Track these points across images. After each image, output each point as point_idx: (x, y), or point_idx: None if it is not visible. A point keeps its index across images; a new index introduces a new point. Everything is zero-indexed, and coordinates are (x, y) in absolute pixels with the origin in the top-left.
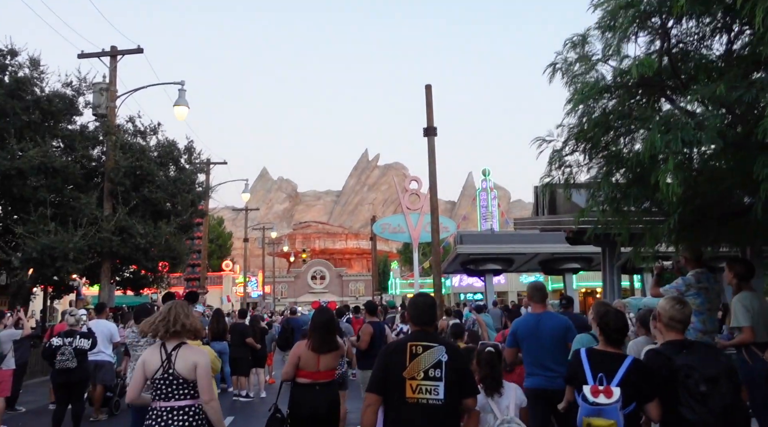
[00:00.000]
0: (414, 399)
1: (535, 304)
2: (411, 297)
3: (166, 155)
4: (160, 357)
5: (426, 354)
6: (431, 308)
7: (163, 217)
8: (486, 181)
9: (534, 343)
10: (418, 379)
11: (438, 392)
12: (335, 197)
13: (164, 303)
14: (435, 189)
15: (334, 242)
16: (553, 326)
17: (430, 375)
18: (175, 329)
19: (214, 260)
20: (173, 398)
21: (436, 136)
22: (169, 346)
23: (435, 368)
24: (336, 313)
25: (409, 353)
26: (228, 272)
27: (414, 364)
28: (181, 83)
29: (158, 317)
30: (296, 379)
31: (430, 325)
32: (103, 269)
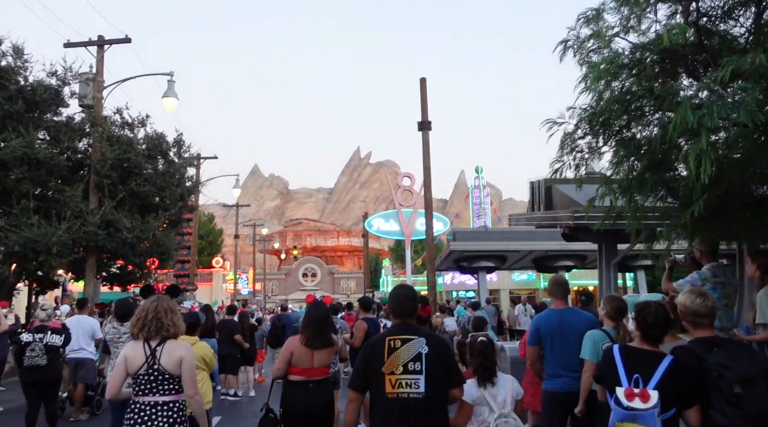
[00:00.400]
0: (394, 394)
1: (556, 299)
2: (391, 290)
3: (154, 148)
4: (144, 353)
5: (404, 347)
6: (411, 299)
7: (152, 211)
8: (479, 179)
9: (558, 341)
10: (398, 373)
11: (419, 386)
12: (327, 195)
13: (143, 297)
14: (429, 184)
15: (326, 240)
16: (578, 322)
17: (409, 368)
18: (166, 333)
19: (205, 257)
20: (158, 393)
21: (430, 131)
22: (152, 341)
23: (414, 361)
24: (330, 309)
25: (387, 347)
26: (218, 268)
27: (392, 358)
28: (170, 74)
29: (143, 314)
30: (288, 376)
31: (411, 317)
32: (89, 264)
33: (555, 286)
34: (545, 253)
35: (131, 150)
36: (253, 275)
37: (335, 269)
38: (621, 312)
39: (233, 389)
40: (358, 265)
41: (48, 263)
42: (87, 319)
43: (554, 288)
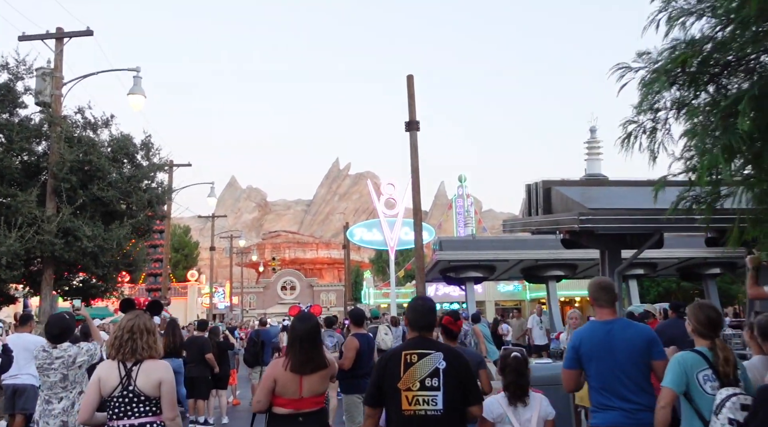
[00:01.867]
0: (410, 411)
1: (601, 308)
2: (410, 301)
3: (119, 150)
4: (118, 374)
5: (421, 363)
6: (431, 312)
7: (117, 219)
8: (462, 188)
9: (606, 363)
10: (414, 390)
11: (436, 403)
12: (306, 207)
13: (123, 312)
14: (418, 187)
15: (305, 252)
16: (631, 337)
17: (426, 385)
18: (140, 356)
19: (180, 270)
20: (133, 415)
21: (418, 131)
22: (128, 362)
23: (432, 377)
24: (325, 323)
25: (404, 362)
26: (193, 282)
27: (408, 374)
28: (137, 70)
29: (119, 334)
30: (272, 409)
31: (429, 330)
32: (45, 277)
33: (599, 290)
34: (535, 262)
35: (93, 152)
36: (230, 288)
37: (315, 281)
38: (715, 326)
39: (203, 416)
40: (338, 277)
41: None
42: (30, 337)
43: (598, 293)
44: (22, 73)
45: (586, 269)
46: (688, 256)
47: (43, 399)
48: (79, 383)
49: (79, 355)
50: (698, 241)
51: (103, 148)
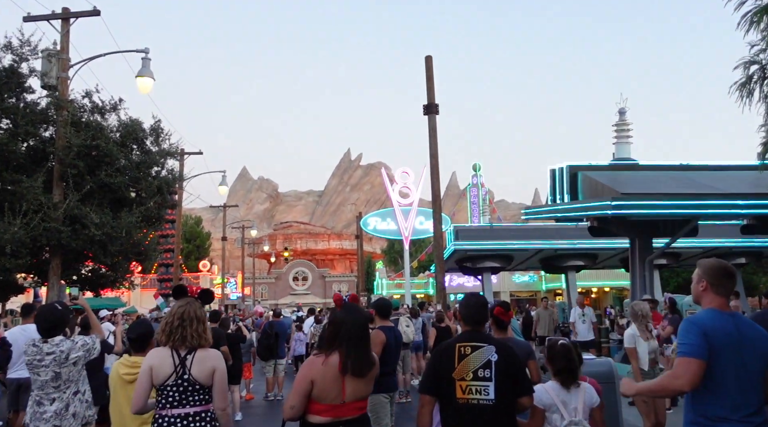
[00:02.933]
0: (464, 400)
1: (719, 297)
2: (463, 297)
3: (128, 135)
4: (172, 362)
5: (474, 355)
6: (483, 307)
7: (126, 206)
8: (477, 177)
9: (734, 363)
10: (468, 379)
11: (488, 393)
12: (317, 198)
13: (175, 298)
14: (437, 172)
15: (317, 243)
16: (760, 337)
17: (479, 375)
18: (189, 345)
19: (192, 261)
20: (188, 404)
21: (437, 115)
22: (181, 350)
23: (484, 368)
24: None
25: (458, 353)
26: (205, 272)
27: (462, 364)
28: (145, 51)
29: (170, 320)
30: (307, 417)
31: (482, 324)
32: (53, 266)
33: (723, 276)
34: (555, 252)
35: (101, 136)
36: (242, 279)
37: (327, 272)
38: None
39: None
40: (350, 268)
41: (1, 265)
42: (34, 329)
43: (720, 279)
44: (27, 54)
45: (606, 258)
46: (713, 246)
47: (34, 400)
48: (74, 382)
49: (73, 350)
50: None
51: (112, 133)
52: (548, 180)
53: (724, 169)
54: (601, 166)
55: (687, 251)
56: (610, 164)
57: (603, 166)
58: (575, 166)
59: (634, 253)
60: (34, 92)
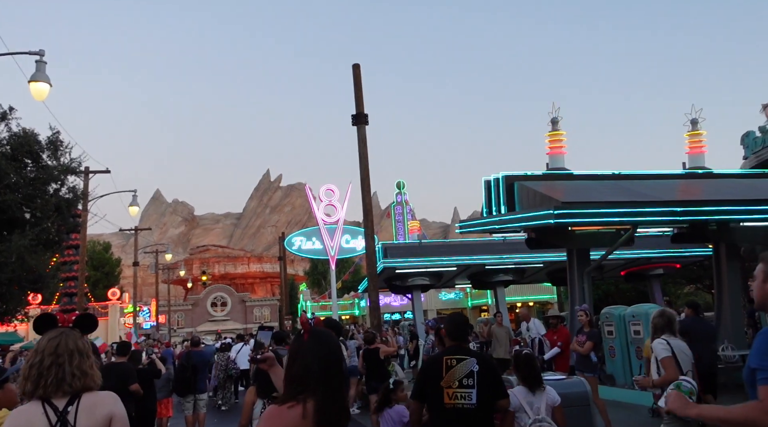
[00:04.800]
0: (451, 404)
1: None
2: (448, 315)
3: (20, 148)
4: (47, 421)
5: (460, 366)
6: (465, 325)
7: (18, 227)
8: (401, 195)
9: None
10: (454, 387)
11: (471, 398)
12: (235, 220)
13: (39, 332)
14: (368, 186)
15: (236, 266)
16: None
17: (463, 383)
18: (69, 388)
19: (100, 290)
20: None
21: (367, 125)
22: (57, 402)
23: (468, 377)
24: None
25: (445, 365)
26: (115, 301)
27: (449, 374)
28: (40, 54)
29: (36, 360)
30: None
31: (465, 340)
32: None
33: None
34: (483, 267)
35: None
36: (156, 306)
37: (247, 296)
38: None
39: None
40: (271, 292)
41: None
42: None
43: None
44: None
45: (534, 273)
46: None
47: None
48: None
49: None
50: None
51: (1, 145)
52: (483, 191)
53: (654, 178)
54: (537, 176)
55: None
56: (545, 174)
57: (539, 176)
58: (511, 175)
59: (572, 264)
60: None
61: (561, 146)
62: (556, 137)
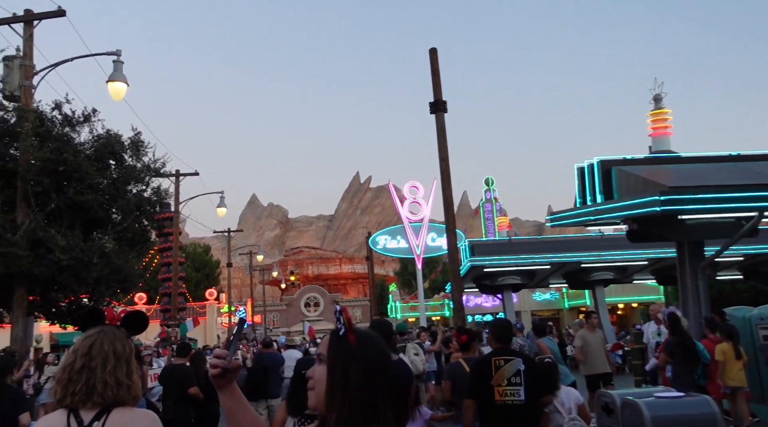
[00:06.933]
0: (501, 401)
1: None
2: (492, 320)
3: (102, 148)
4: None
5: (507, 366)
6: (510, 328)
7: (101, 227)
8: (490, 192)
9: None
10: (504, 385)
11: (520, 394)
12: (327, 222)
13: (83, 329)
14: (448, 178)
15: (328, 267)
16: None
17: (512, 381)
18: (101, 399)
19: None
20: None
21: (446, 113)
22: (84, 414)
23: (515, 375)
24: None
25: (494, 365)
26: (212, 301)
27: (499, 374)
28: (117, 53)
29: (68, 362)
30: None
31: (510, 342)
32: (16, 297)
33: None
34: (580, 265)
35: (68, 149)
36: (251, 306)
37: (339, 297)
38: None
39: None
40: (363, 292)
41: None
42: None
43: None
44: None
45: (637, 270)
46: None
47: None
48: None
49: None
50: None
51: (84, 147)
52: (576, 179)
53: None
54: (638, 160)
55: (724, 259)
56: (648, 157)
57: (640, 160)
58: (608, 160)
59: (683, 260)
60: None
61: (666, 126)
62: (659, 116)
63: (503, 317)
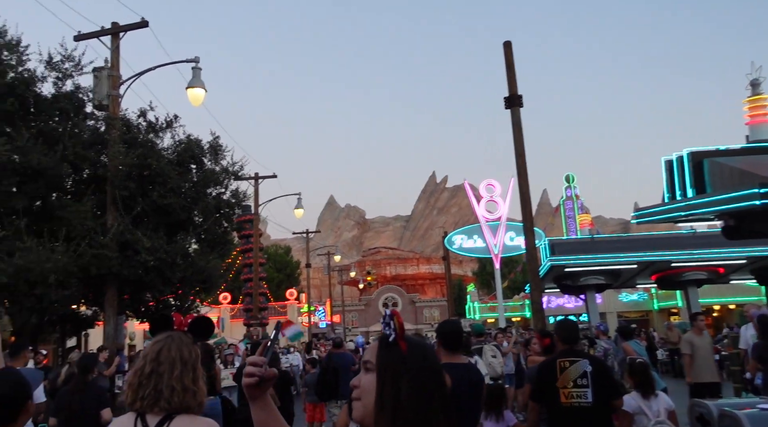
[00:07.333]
0: (567, 403)
1: None
2: (559, 321)
3: (183, 153)
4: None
5: (573, 367)
6: (576, 330)
7: (184, 229)
8: (571, 189)
9: None
10: (569, 387)
11: (587, 397)
12: (404, 222)
13: (153, 334)
14: (525, 174)
15: (406, 268)
16: None
17: (578, 383)
18: (167, 404)
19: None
20: None
21: (521, 107)
22: (150, 419)
23: (582, 377)
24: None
25: (559, 367)
26: (292, 301)
27: (564, 376)
28: (195, 61)
29: (139, 367)
30: None
31: (576, 343)
32: (108, 297)
33: None
34: (668, 265)
35: (152, 154)
36: (330, 306)
37: (417, 297)
38: None
39: None
40: (441, 293)
41: (47, 297)
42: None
43: None
44: (71, 70)
45: (734, 270)
46: None
47: None
48: None
49: None
50: None
51: (167, 152)
52: (664, 173)
53: None
54: (733, 151)
55: None
56: (744, 147)
57: (736, 151)
58: (699, 152)
59: None
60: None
61: (765, 113)
62: (757, 103)
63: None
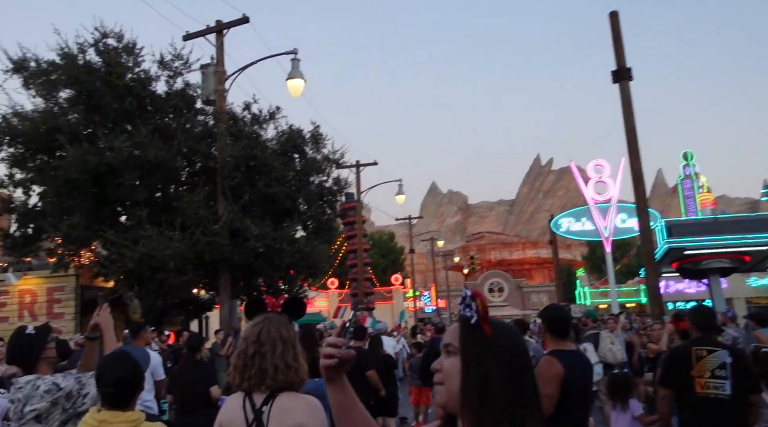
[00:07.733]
0: (704, 394)
1: None
2: (693, 306)
3: (286, 143)
4: (243, 415)
5: (711, 357)
6: (713, 316)
7: (288, 217)
8: (689, 167)
9: None
10: (706, 377)
11: (725, 388)
12: (508, 207)
13: (249, 317)
14: (637, 151)
15: (511, 252)
16: None
17: (716, 374)
18: (272, 381)
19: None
20: None
21: (631, 80)
22: (257, 397)
23: (720, 368)
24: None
25: (695, 355)
26: (398, 286)
27: (700, 365)
28: (294, 52)
29: (242, 349)
30: None
31: (713, 331)
32: (222, 282)
33: None
34: None
35: (257, 145)
36: (435, 291)
37: (523, 282)
38: None
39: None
40: (549, 278)
41: (168, 282)
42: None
43: None
44: (181, 68)
45: None
46: None
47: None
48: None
49: (33, 399)
50: None
51: (270, 142)
52: None
53: None
54: None
55: None
56: None
57: None
58: None
59: None
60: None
61: None
62: None
63: (710, 304)
